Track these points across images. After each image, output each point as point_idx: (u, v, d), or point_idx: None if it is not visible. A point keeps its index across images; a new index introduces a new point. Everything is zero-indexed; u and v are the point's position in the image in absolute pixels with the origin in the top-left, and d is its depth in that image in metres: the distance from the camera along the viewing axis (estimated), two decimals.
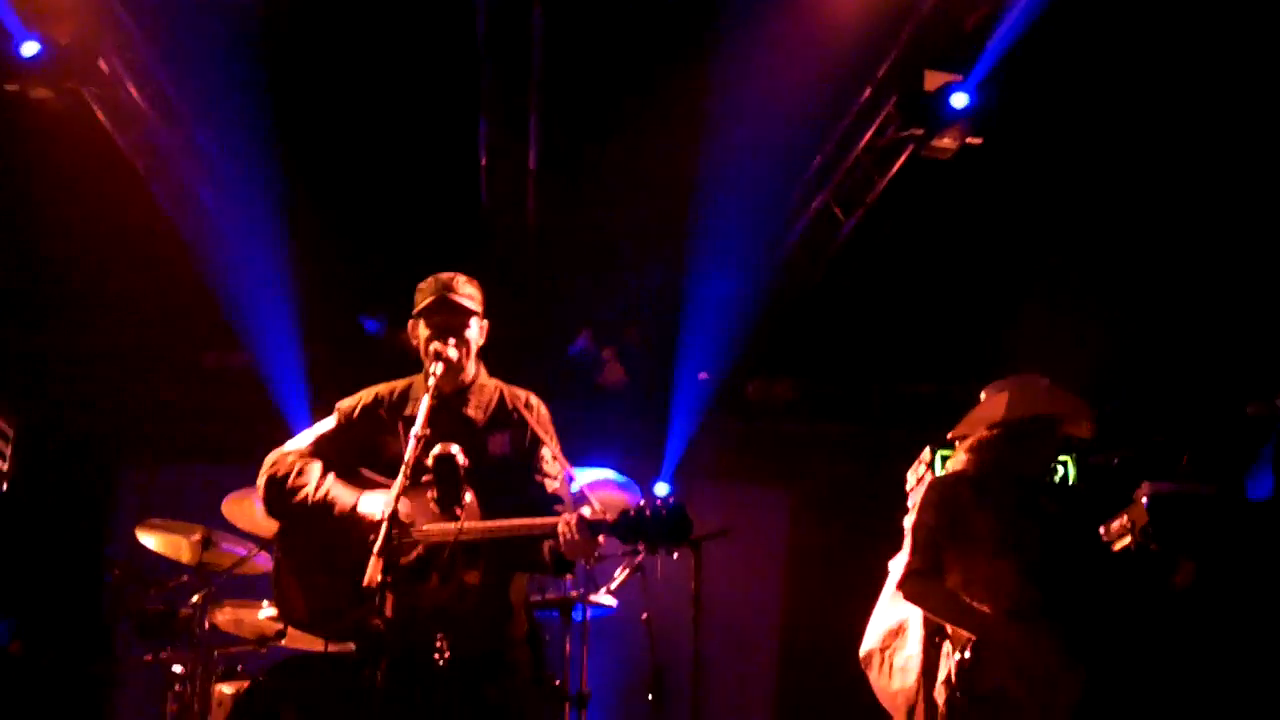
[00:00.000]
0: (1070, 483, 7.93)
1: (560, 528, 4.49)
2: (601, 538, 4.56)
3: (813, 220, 10.08)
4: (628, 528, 4.51)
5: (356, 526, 4.68)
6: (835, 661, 6.51)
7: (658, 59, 9.08)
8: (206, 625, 7.21)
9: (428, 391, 4.70)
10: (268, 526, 6.89)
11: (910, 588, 5.31)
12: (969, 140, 8.51)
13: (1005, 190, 9.53)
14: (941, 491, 5.43)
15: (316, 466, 4.89)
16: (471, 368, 5.06)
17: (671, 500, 4.52)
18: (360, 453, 4.93)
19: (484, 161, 9.62)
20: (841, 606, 5.47)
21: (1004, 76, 8.26)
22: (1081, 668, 5.13)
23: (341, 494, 4.78)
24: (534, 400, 5.11)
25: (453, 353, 4.88)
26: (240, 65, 8.84)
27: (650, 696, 7.36)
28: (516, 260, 10.22)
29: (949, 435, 5.65)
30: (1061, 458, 8.00)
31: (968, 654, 5.05)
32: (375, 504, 4.67)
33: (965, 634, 5.10)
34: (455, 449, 4.67)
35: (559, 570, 4.88)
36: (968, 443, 5.52)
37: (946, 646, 5.19)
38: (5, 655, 8.84)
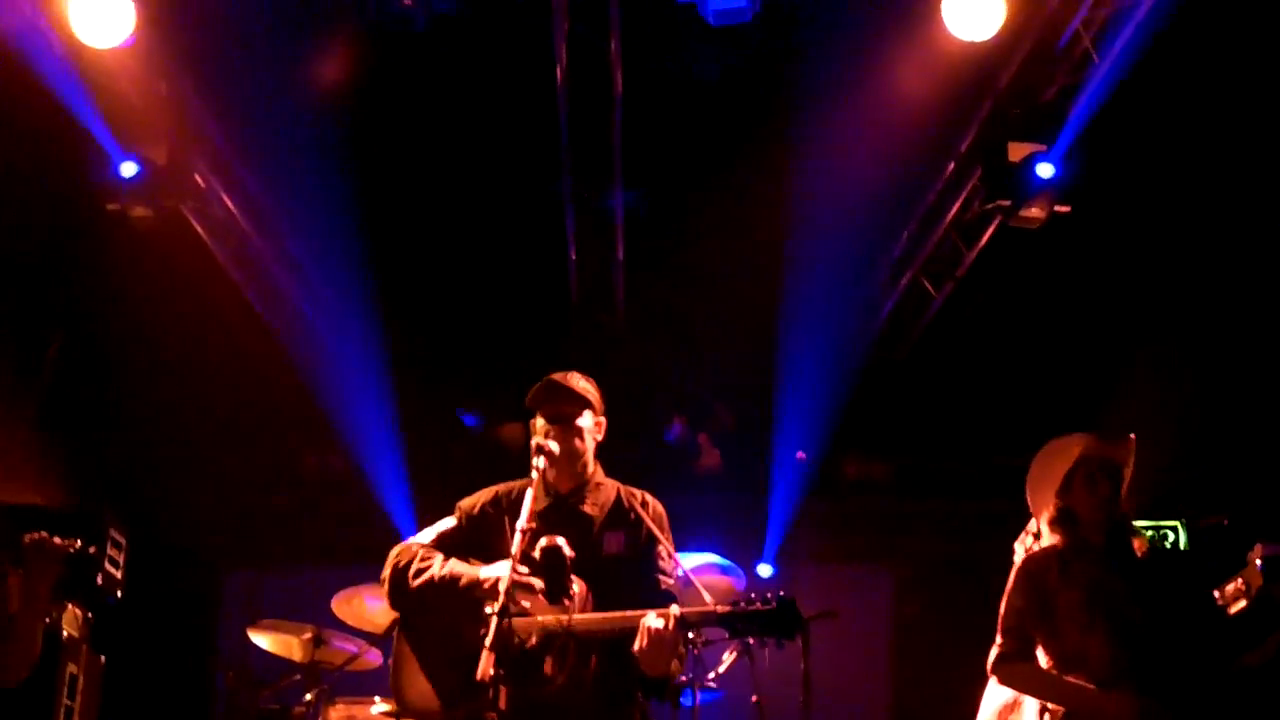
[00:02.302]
0: (1181, 548, 7.82)
1: (648, 618, 4.50)
2: (682, 646, 4.58)
3: (903, 295, 10.08)
4: (737, 620, 4.53)
5: (480, 592, 4.69)
6: None
7: (740, 141, 9.17)
8: None
9: (532, 485, 4.73)
10: (378, 623, 7.00)
11: (999, 672, 5.30)
12: (1057, 209, 8.47)
13: (1096, 257, 9.48)
14: (1028, 570, 5.39)
15: (439, 554, 4.93)
16: (590, 465, 5.08)
17: (781, 591, 4.52)
18: (477, 550, 4.95)
19: (572, 256, 9.72)
20: (951, 684, 5.43)
21: (1089, 144, 8.24)
22: None
23: (464, 569, 4.81)
24: (650, 499, 5.12)
25: (554, 445, 4.91)
26: (331, 173, 9.03)
27: None
28: (608, 351, 10.28)
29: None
30: (1170, 523, 7.90)
31: None
32: (499, 569, 4.66)
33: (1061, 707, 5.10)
34: (561, 541, 4.69)
35: (647, 691, 4.86)
36: (1047, 516, 5.51)
37: (1046, 718, 5.14)
38: None
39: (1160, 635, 5.20)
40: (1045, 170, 8.33)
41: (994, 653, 5.32)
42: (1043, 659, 5.28)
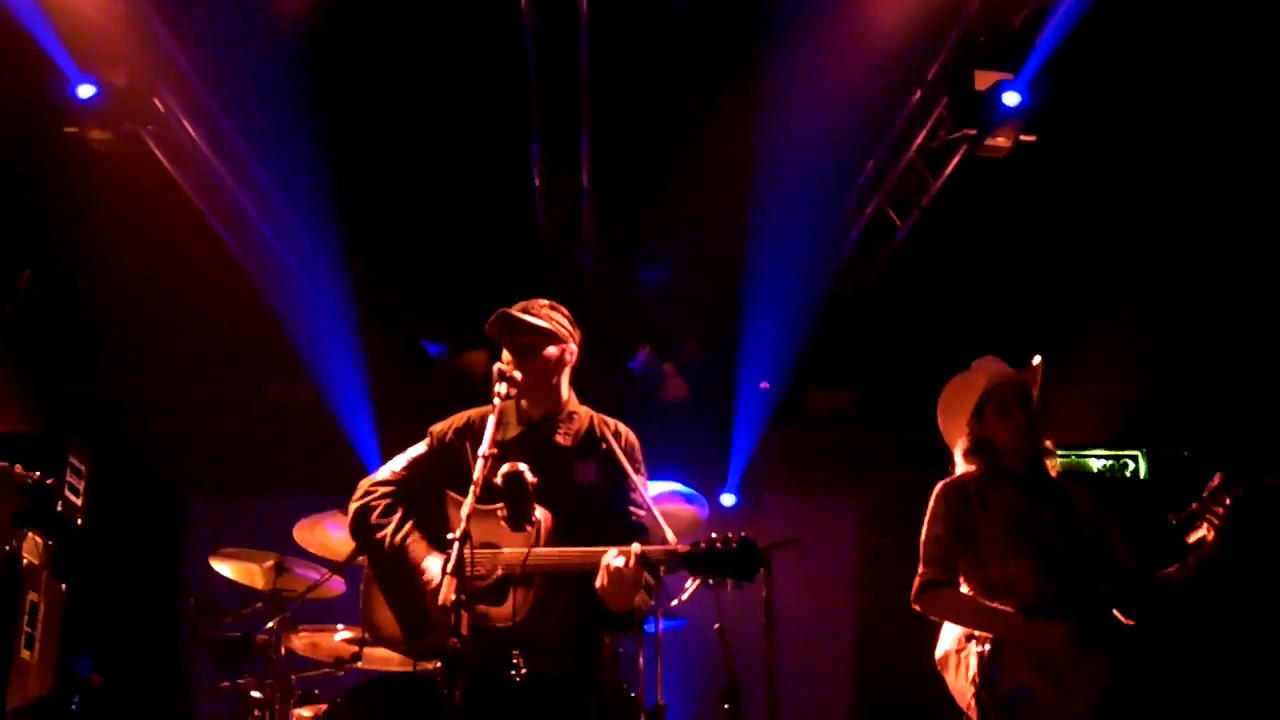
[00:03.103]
0: (1141, 477, 7.88)
1: (608, 556, 4.50)
2: (645, 577, 4.57)
3: (868, 225, 10.06)
4: (697, 561, 4.53)
5: (422, 581, 4.73)
6: (910, 665, 6.47)
7: (706, 71, 9.11)
8: (283, 650, 7.23)
9: (492, 412, 4.71)
10: (340, 550, 7.00)
11: (923, 600, 5.37)
12: (1023, 138, 8.45)
13: (1062, 187, 9.48)
14: (947, 498, 5.45)
15: (398, 513, 4.93)
16: (564, 393, 5.07)
17: (743, 533, 4.53)
18: (449, 476, 4.94)
19: (538, 183, 9.66)
20: (914, 613, 5.46)
21: (1056, 72, 8.21)
22: (1104, 658, 5.16)
23: (415, 549, 4.82)
24: (623, 429, 5.11)
25: (517, 373, 4.90)
26: (294, 100, 8.94)
27: (726, 707, 7.35)
28: (573, 280, 10.25)
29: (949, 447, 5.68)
30: (1130, 452, 7.95)
31: (987, 651, 5.11)
32: (437, 567, 4.66)
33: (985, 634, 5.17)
34: (523, 466, 4.69)
35: (608, 625, 4.86)
36: (962, 446, 5.54)
37: (973, 645, 5.21)
38: (86, 687, 8.93)
39: (1083, 559, 5.26)
40: (1011, 99, 8.29)
41: (917, 581, 5.38)
42: (965, 588, 5.35)
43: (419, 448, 5.12)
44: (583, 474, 4.94)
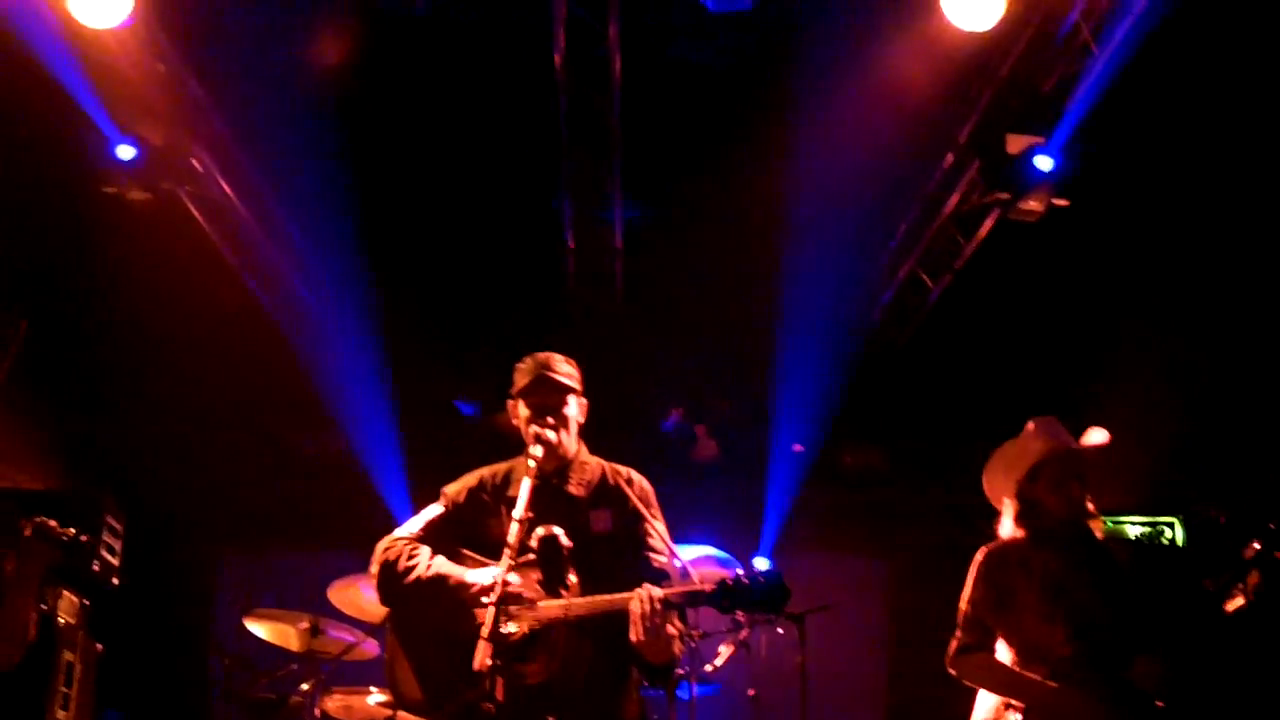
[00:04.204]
0: (1177, 543, 7.82)
1: (634, 603, 4.47)
2: (674, 625, 4.55)
3: (900, 286, 10.08)
4: (725, 597, 4.48)
5: (468, 595, 4.70)
6: None
7: (738, 133, 9.15)
8: (317, 713, 7.24)
9: (529, 474, 4.72)
10: (375, 613, 7.00)
11: (957, 665, 5.34)
12: (1055, 202, 8.45)
13: (1094, 251, 9.48)
14: (988, 563, 5.42)
15: (425, 550, 4.93)
16: (572, 445, 5.07)
17: (769, 568, 4.52)
18: (466, 536, 4.96)
19: (570, 244, 9.70)
20: (948, 677, 5.43)
21: (1089, 136, 8.22)
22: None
23: (451, 569, 4.82)
24: (635, 476, 5.12)
25: (551, 434, 4.91)
26: (328, 157, 9.00)
27: None
28: (606, 339, 10.27)
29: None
30: (1167, 519, 7.89)
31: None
32: (484, 574, 4.69)
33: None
34: (558, 531, 4.70)
35: (650, 677, 4.85)
36: (1011, 509, 5.52)
37: (1010, 714, 5.18)
38: None
39: (1121, 625, 5.23)
40: (1044, 163, 8.30)
41: (952, 645, 5.36)
42: (1004, 651, 5.32)
43: (434, 509, 5.13)
44: (598, 523, 4.93)
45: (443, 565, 4.85)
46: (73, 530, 5.14)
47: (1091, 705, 5.05)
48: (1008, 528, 5.53)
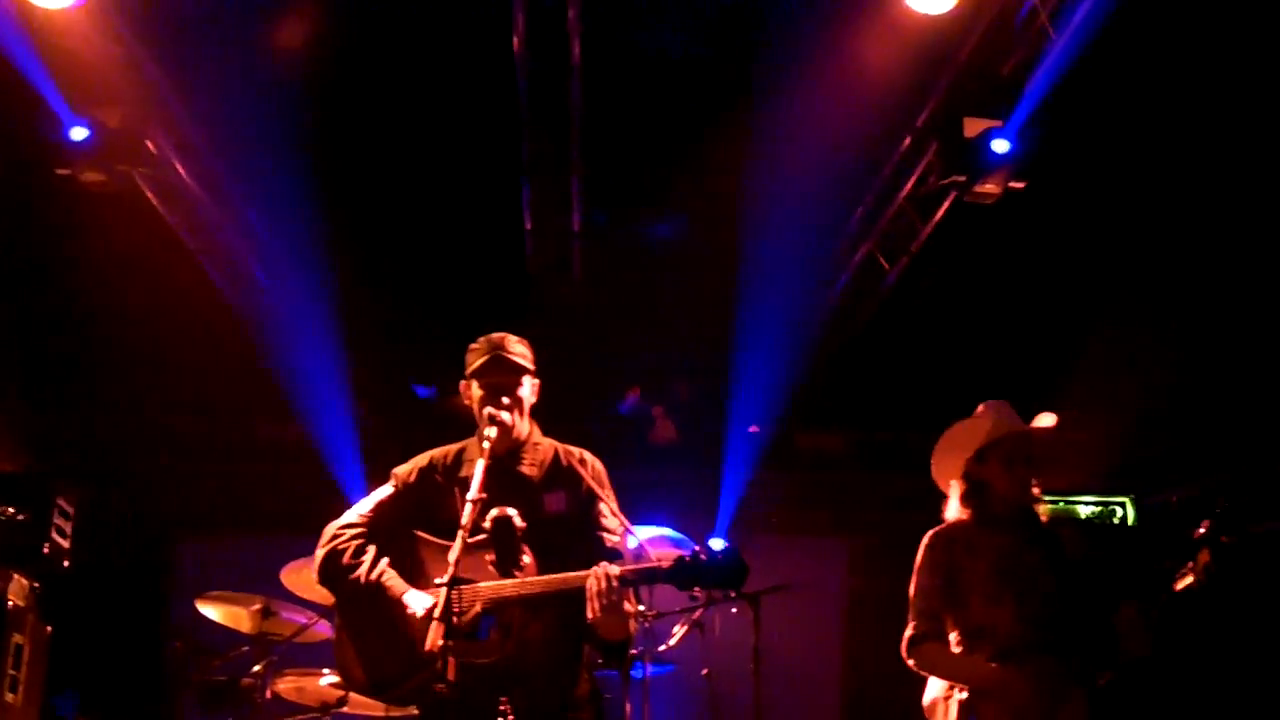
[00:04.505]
0: (1129, 523, 7.87)
1: (590, 581, 4.47)
2: (629, 603, 4.56)
3: (857, 270, 10.10)
4: (683, 573, 4.49)
5: (403, 616, 4.71)
6: (897, 710, 6.47)
7: (697, 116, 9.15)
8: (269, 694, 7.23)
9: (482, 455, 4.72)
10: (328, 595, 6.97)
11: (913, 656, 5.36)
12: (1012, 185, 8.49)
13: (1051, 232, 9.52)
14: (932, 546, 5.45)
15: (371, 550, 4.91)
16: (525, 426, 5.06)
17: (727, 545, 4.53)
18: (417, 517, 4.95)
19: (528, 226, 9.69)
20: (903, 659, 5.46)
21: (1045, 120, 8.25)
22: (1084, 703, 5.16)
23: (393, 583, 4.80)
24: (588, 456, 5.11)
25: (506, 415, 4.90)
26: (286, 141, 8.95)
27: None
28: (563, 322, 10.26)
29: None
30: (1119, 499, 7.94)
31: (965, 700, 5.16)
32: (420, 602, 4.68)
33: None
34: (512, 512, 4.70)
35: (605, 654, 4.85)
36: (957, 490, 5.54)
37: (956, 693, 5.23)
38: None
39: (1069, 605, 5.27)
40: (1001, 146, 8.34)
41: (906, 635, 5.38)
42: (953, 634, 5.34)
43: (384, 490, 5.11)
44: (551, 504, 4.92)
45: (386, 577, 4.82)
46: (9, 509, 5.09)
47: (1033, 685, 5.08)
48: (954, 509, 5.55)
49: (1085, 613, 5.31)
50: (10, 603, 7.31)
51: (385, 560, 4.87)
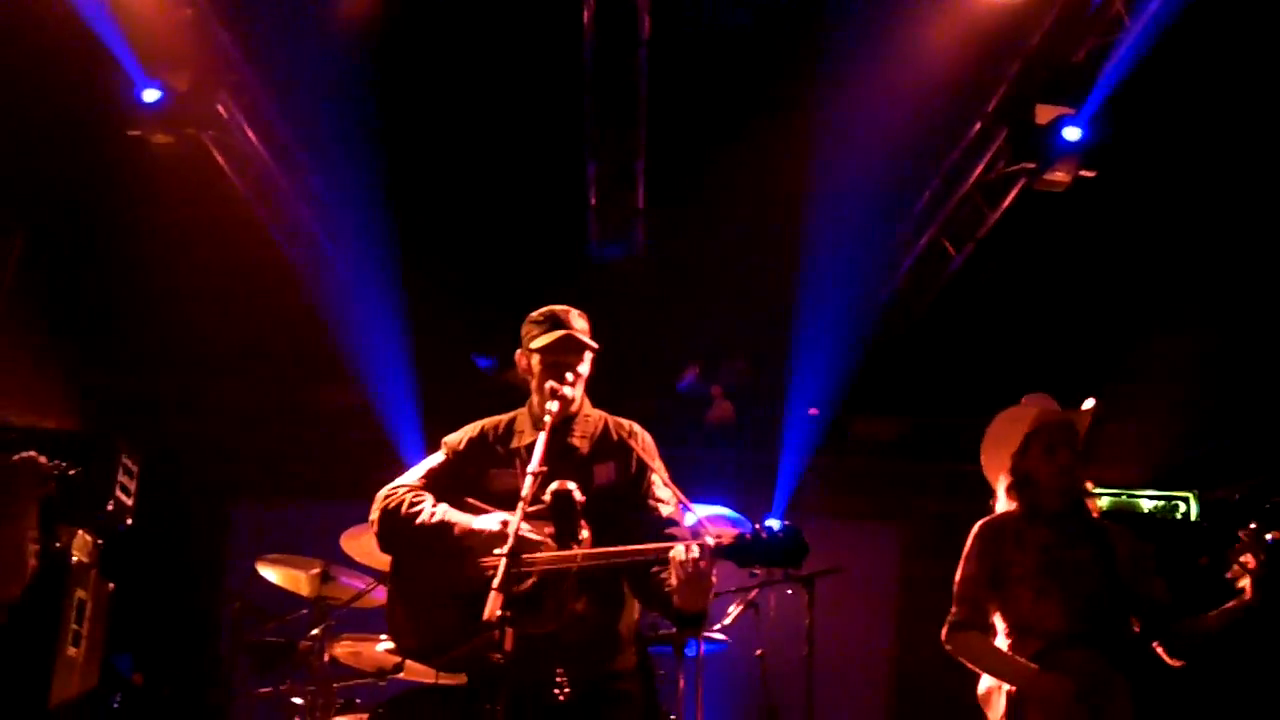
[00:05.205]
0: (1191, 519, 7.81)
1: (677, 550, 4.46)
2: (715, 573, 4.55)
3: (922, 255, 10.04)
4: (744, 551, 4.48)
5: (476, 542, 4.71)
6: (948, 697, 6.46)
7: (764, 95, 9.11)
8: (325, 658, 7.27)
9: (543, 428, 4.71)
10: (386, 561, 7.01)
11: (951, 641, 5.37)
12: (1082, 173, 8.41)
13: (1120, 223, 9.43)
14: (983, 536, 5.44)
15: (429, 497, 4.93)
16: (578, 399, 5.08)
17: (786, 523, 4.51)
18: (468, 486, 4.96)
19: (593, 201, 9.69)
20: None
21: (1118, 108, 8.17)
22: (1129, 704, 5.12)
23: (458, 517, 4.82)
24: (638, 429, 5.11)
25: (568, 390, 4.92)
26: (354, 109, 9.00)
27: None
28: (624, 298, 10.26)
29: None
30: (1182, 494, 7.86)
31: (1013, 693, 5.16)
32: (492, 520, 4.71)
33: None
34: (572, 486, 4.70)
35: (682, 624, 4.84)
36: (1003, 482, 5.53)
37: (1006, 685, 5.23)
38: (127, 686, 8.99)
39: (1117, 601, 5.24)
40: (1072, 133, 8.29)
41: (947, 621, 5.40)
42: (999, 624, 5.35)
43: (435, 458, 5.12)
44: (601, 475, 4.92)
45: (448, 513, 4.84)
46: (63, 464, 5.15)
47: (1067, 687, 5.06)
48: (1002, 502, 5.56)
49: (1131, 612, 5.29)
50: (74, 558, 7.39)
51: (444, 504, 4.88)
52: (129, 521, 8.07)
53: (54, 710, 7.02)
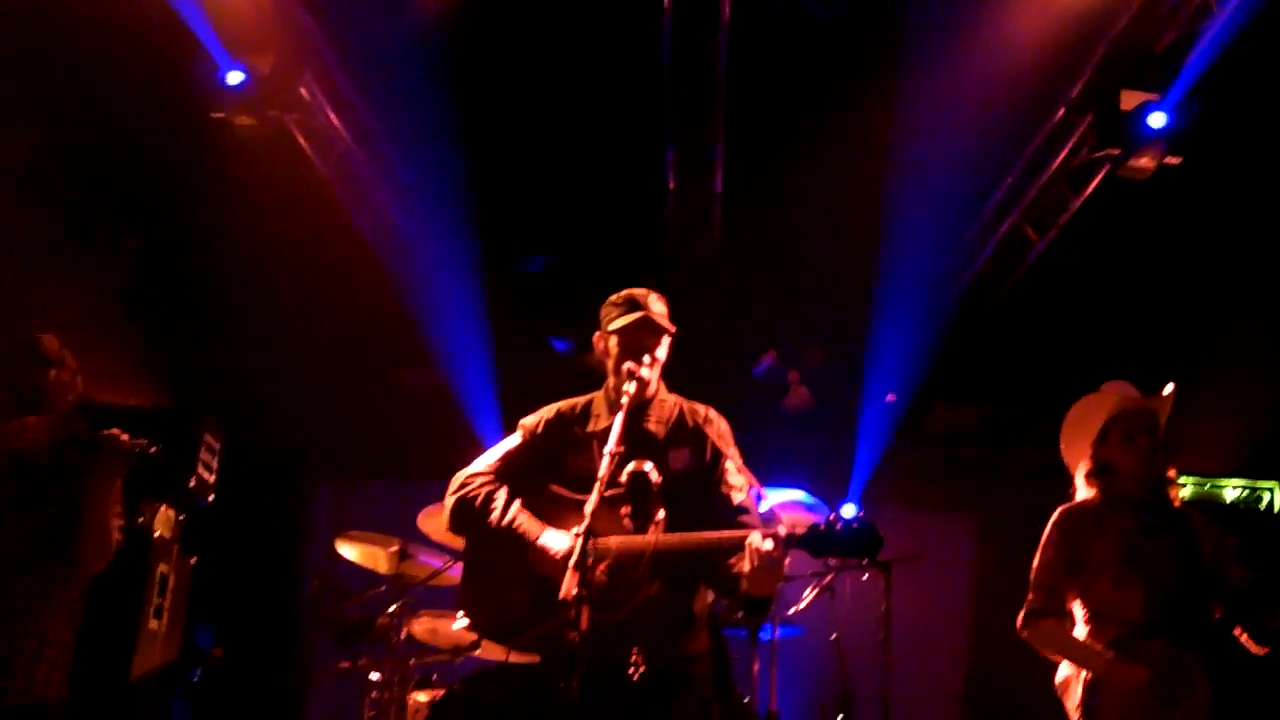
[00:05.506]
0: (1276, 510, 7.71)
1: (752, 538, 4.46)
2: (788, 559, 4.56)
3: (1004, 241, 9.96)
4: (819, 542, 4.49)
5: (539, 559, 4.75)
6: (1023, 687, 6.42)
7: (845, 80, 9.07)
8: (403, 635, 7.35)
9: (621, 409, 4.73)
10: (462, 540, 7.07)
11: (1028, 628, 5.36)
12: (1167, 160, 8.32)
13: (1205, 210, 9.31)
14: (1062, 524, 5.41)
15: (503, 494, 4.95)
16: (654, 383, 5.08)
17: (862, 515, 4.51)
18: (544, 468, 4.99)
19: (671, 186, 9.68)
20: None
21: (1204, 95, 8.07)
22: (1207, 693, 5.09)
23: (528, 526, 4.84)
24: (713, 414, 5.10)
25: (645, 372, 4.92)
26: (435, 92, 9.04)
27: (840, 717, 7.34)
28: (703, 282, 10.25)
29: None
30: (1267, 484, 7.76)
31: (1090, 680, 5.15)
32: (558, 541, 4.73)
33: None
34: (649, 466, 4.72)
35: (750, 610, 4.84)
36: (1083, 470, 5.49)
37: (1083, 672, 5.22)
38: (208, 661, 9.13)
39: (1198, 590, 5.21)
40: (1157, 120, 8.19)
41: (1024, 608, 5.38)
42: (1078, 611, 5.33)
43: (512, 440, 5.14)
44: (676, 460, 4.91)
45: (521, 521, 4.87)
46: (144, 441, 5.22)
47: (1143, 676, 5.05)
48: (1082, 490, 5.53)
49: (1211, 601, 5.25)
50: (156, 533, 7.51)
51: (518, 503, 4.92)
52: (211, 498, 8.18)
53: (136, 682, 7.14)
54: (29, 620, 4.88)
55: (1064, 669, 5.41)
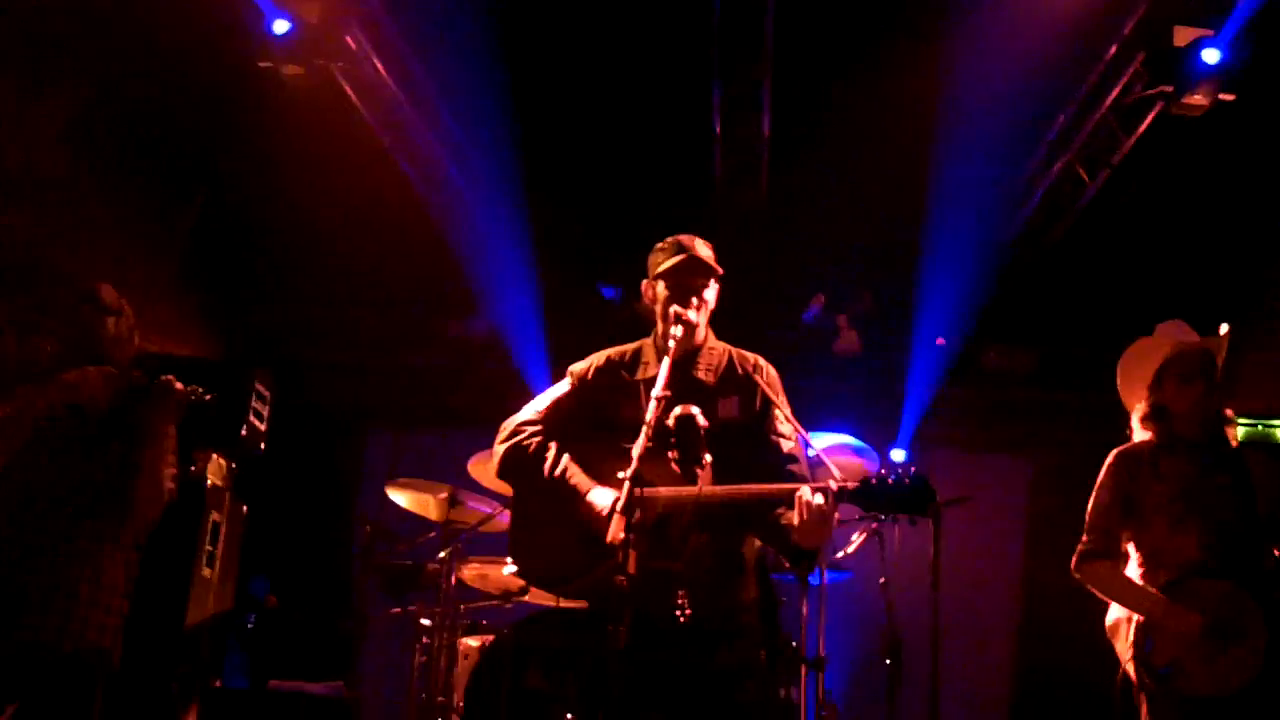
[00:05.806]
0: None
1: (802, 492, 4.44)
2: (837, 513, 4.54)
3: (1056, 181, 9.85)
4: (869, 496, 4.46)
5: (584, 515, 4.75)
6: (1075, 630, 6.40)
7: (893, 20, 8.98)
8: (453, 580, 7.40)
9: (668, 354, 4.71)
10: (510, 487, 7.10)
11: (1081, 570, 5.36)
12: (1221, 97, 8.19)
13: (1260, 147, 9.18)
14: (1117, 467, 5.40)
15: (553, 446, 4.93)
16: (702, 330, 5.05)
17: (913, 469, 4.47)
18: (593, 415, 4.96)
19: (718, 130, 9.63)
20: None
21: (1258, 30, 7.94)
22: (1262, 633, 5.05)
23: (578, 479, 4.82)
24: (762, 362, 5.06)
25: (693, 315, 4.89)
26: (480, 42, 9.01)
27: (888, 662, 7.33)
28: (751, 228, 10.21)
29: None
30: None
31: (1141, 623, 5.16)
32: (604, 498, 4.71)
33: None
34: (696, 410, 4.71)
35: (796, 559, 4.83)
36: (1139, 412, 5.45)
37: (1136, 616, 5.22)
38: (261, 608, 9.23)
39: (1255, 530, 5.19)
40: (1211, 56, 8.07)
41: (1078, 549, 5.39)
42: (1133, 553, 5.34)
43: (561, 387, 5.11)
44: (725, 409, 4.87)
45: (570, 474, 4.83)
46: (199, 389, 5.26)
47: (1195, 620, 5.05)
48: (1138, 432, 5.51)
49: (1270, 542, 5.22)
50: (209, 482, 7.57)
51: (567, 456, 4.92)
52: (262, 447, 8.23)
53: (190, 630, 7.22)
54: (87, 566, 4.93)
55: (1114, 611, 5.39)
